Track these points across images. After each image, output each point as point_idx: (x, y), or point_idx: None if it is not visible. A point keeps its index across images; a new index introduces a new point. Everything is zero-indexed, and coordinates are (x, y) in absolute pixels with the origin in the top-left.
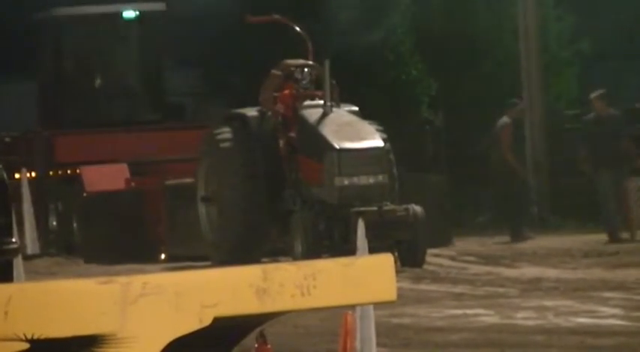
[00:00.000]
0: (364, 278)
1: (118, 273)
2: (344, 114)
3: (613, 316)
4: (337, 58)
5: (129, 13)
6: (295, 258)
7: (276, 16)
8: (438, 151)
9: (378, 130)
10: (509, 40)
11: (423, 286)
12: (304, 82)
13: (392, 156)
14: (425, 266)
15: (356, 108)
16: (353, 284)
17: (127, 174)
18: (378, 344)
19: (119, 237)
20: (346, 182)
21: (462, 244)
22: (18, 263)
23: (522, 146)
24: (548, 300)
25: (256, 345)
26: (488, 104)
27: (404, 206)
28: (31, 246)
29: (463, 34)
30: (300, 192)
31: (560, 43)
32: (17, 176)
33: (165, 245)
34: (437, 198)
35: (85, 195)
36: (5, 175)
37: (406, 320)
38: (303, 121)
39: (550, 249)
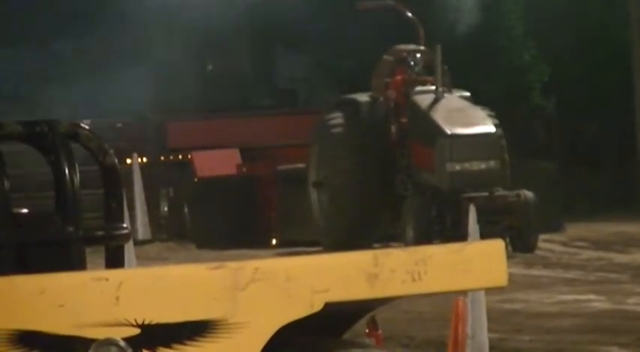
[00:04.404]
0: (475, 263)
1: (229, 259)
2: (455, 99)
3: None
4: (449, 43)
5: None
6: (407, 244)
7: (388, 2)
8: (549, 137)
9: (489, 116)
10: (621, 26)
11: (534, 271)
12: (416, 68)
13: (503, 142)
14: (536, 252)
15: (467, 94)
16: (464, 270)
17: (239, 160)
18: (489, 330)
19: (230, 222)
20: (458, 167)
21: (573, 230)
22: (129, 248)
23: None
24: None
25: (367, 330)
26: (599, 91)
27: (515, 192)
28: (143, 231)
29: (575, 21)
30: (411, 178)
31: None
32: (128, 161)
33: (276, 230)
34: (548, 183)
35: (196, 180)
36: (116, 161)
37: (517, 306)
38: (414, 107)
39: None
